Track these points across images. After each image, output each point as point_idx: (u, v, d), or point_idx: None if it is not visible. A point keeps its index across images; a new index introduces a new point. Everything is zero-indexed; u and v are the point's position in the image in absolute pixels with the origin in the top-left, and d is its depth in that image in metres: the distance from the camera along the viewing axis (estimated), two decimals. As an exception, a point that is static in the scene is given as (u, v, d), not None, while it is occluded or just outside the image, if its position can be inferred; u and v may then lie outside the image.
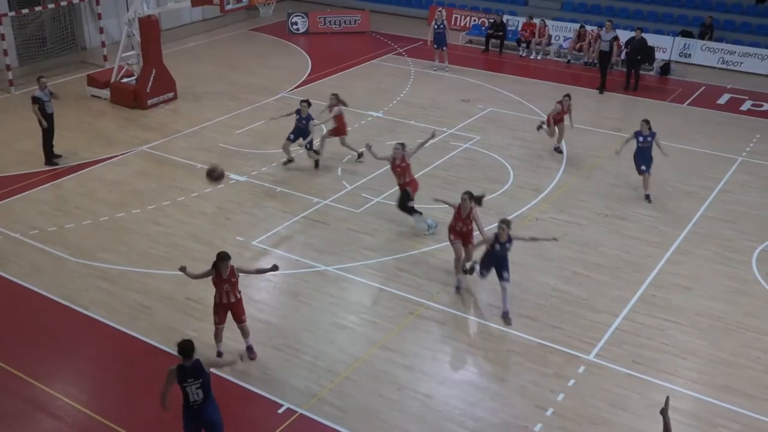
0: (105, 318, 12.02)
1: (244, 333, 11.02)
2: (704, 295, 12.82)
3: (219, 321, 10.87)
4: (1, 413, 10.13)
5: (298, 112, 16.87)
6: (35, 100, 16.90)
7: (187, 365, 8.68)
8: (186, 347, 8.68)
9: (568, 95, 18.10)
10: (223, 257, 10.46)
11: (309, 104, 16.96)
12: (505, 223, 11.89)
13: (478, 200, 12.70)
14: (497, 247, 11.92)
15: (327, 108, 17.49)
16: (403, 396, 10.45)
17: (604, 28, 23.16)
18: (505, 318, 12.02)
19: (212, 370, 8.92)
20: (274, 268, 10.88)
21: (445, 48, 24.22)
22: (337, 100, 17.41)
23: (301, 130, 16.88)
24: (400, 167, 14.45)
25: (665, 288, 12.99)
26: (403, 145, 14.56)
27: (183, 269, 10.53)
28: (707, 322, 12.13)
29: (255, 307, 12.27)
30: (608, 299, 12.64)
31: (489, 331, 11.87)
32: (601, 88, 22.74)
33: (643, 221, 15.19)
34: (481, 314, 12.26)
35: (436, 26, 24.12)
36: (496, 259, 12.03)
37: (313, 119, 16.82)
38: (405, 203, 14.53)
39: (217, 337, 11.02)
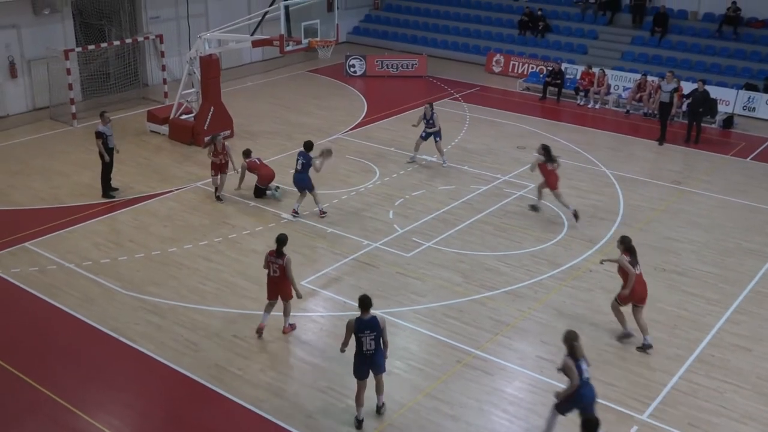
0: (152, 352, 12.14)
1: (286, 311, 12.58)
2: (766, 357, 12.39)
3: (268, 296, 12.45)
4: (46, 443, 10.25)
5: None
6: (99, 134, 17.40)
7: (365, 318, 10.27)
8: (365, 301, 10.30)
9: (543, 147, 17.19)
10: (281, 240, 12.26)
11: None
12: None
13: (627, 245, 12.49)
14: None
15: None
16: (447, 447, 10.27)
17: (665, 79, 22.97)
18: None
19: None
20: (299, 296, 12.41)
21: (439, 139, 19.89)
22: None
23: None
24: None
25: (724, 348, 12.61)
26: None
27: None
28: (769, 386, 11.72)
29: (301, 348, 12.28)
30: (664, 357, 12.31)
31: (538, 384, 11.64)
32: (661, 140, 22.47)
33: (702, 278, 14.83)
34: (530, 366, 12.04)
35: (426, 120, 19.70)
36: None
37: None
38: None
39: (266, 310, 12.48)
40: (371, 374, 10.63)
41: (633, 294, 12.29)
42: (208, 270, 14.70)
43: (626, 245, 12.47)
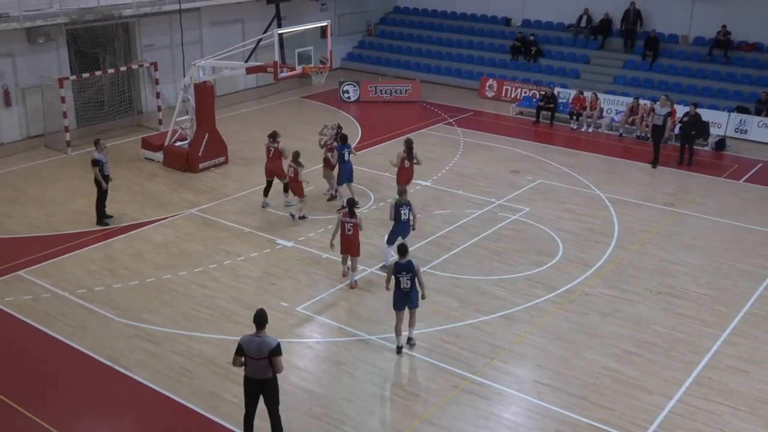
0: (147, 380, 12.07)
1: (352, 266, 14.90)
2: (763, 380, 12.37)
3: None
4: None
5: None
6: (95, 162, 17.39)
7: (402, 262, 12.37)
8: (403, 248, 12.52)
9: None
10: (352, 202, 14.79)
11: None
12: None
13: None
14: None
15: None
16: (445, 473, 10.20)
17: (658, 103, 23.12)
18: None
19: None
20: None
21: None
22: None
23: None
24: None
25: (722, 370, 12.59)
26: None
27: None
28: (767, 408, 11.67)
29: (296, 374, 12.22)
30: (661, 380, 12.28)
31: (535, 408, 11.59)
32: (654, 163, 22.57)
33: (698, 300, 14.84)
34: (527, 390, 12.00)
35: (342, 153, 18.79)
36: None
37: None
38: None
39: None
40: (407, 309, 12.65)
41: None
42: (203, 296, 14.66)
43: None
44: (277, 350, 9.85)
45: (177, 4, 25.12)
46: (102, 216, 17.82)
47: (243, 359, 10.00)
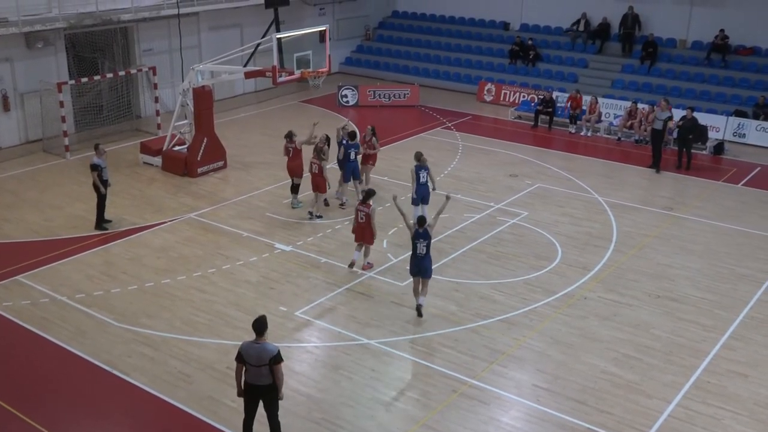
0: (145, 385, 12.04)
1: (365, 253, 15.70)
2: (763, 383, 12.36)
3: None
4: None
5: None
6: (94, 167, 17.37)
7: (420, 231, 13.74)
8: (422, 219, 13.90)
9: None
10: (369, 193, 15.64)
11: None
12: None
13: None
14: None
15: None
16: (444, 478, 10.18)
17: (658, 107, 23.10)
18: None
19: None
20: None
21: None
22: None
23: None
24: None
25: (721, 374, 12.58)
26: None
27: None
28: (766, 413, 11.66)
29: (295, 378, 12.19)
30: (660, 384, 12.27)
31: (534, 413, 11.57)
32: (657, 167, 22.40)
33: (696, 303, 14.83)
34: (526, 395, 11.98)
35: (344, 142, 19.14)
36: None
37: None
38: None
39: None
40: (420, 277, 13.96)
41: None
42: (202, 301, 14.64)
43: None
44: (277, 358, 9.81)
45: (175, 9, 25.15)
46: (101, 220, 17.79)
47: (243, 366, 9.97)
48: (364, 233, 15.52)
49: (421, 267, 13.93)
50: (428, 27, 35.34)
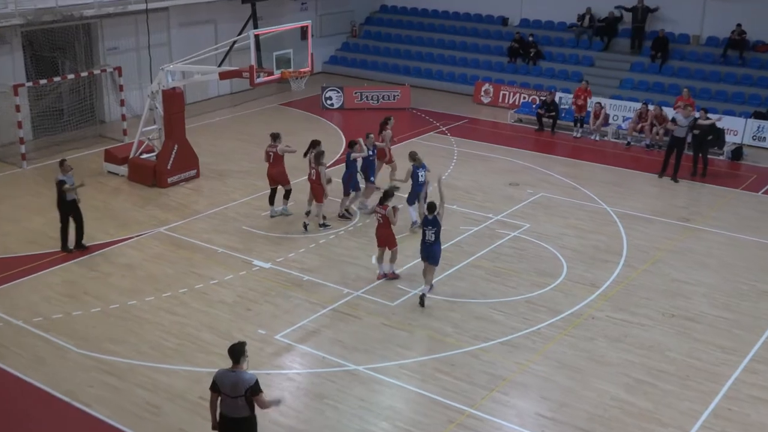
0: (108, 417, 11.92)
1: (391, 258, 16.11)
2: (788, 411, 12.38)
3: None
4: None
5: None
6: (61, 183, 17.15)
7: (430, 218, 14.89)
8: (432, 205, 14.98)
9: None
10: (388, 193, 16.08)
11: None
12: None
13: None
14: None
15: None
16: None
17: (678, 112, 22.60)
18: None
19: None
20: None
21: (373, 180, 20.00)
22: None
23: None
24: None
25: (742, 401, 12.56)
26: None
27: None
28: (792, 442, 11.67)
29: (275, 409, 12.06)
30: (677, 412, 12.24)
31: (539, 445, 11.53)
32: (674, 176, 22.26)
33: (714, 323, 14.84)
34: (530, 425, 11.93)
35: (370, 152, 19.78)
36: None
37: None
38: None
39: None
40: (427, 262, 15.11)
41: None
42: (172, 324, 14.55)
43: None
44: (255, 388, 9.70)
45: (143, 4, 25.15)
46: (65, 242, 17.52)
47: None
48: (380, 237, 15.96)
49: (429, 252, 15.07)
50: (420, 22, 35.49)
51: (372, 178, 19.69)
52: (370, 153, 19.60)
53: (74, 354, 13.60)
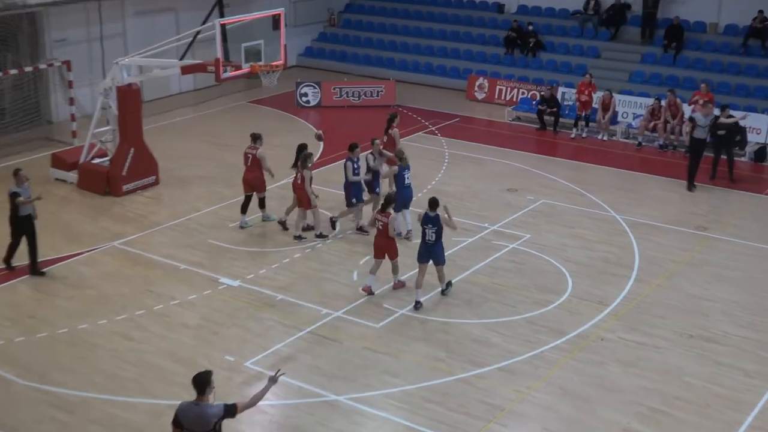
0: (57, 457, 11.87)
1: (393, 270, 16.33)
2: (819, 441, 12.44)
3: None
4: None
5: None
6: (14, 195, 17.00)
7: (430, 215, 15.45)
8: (433, 201, 15.57)
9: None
10: (389, 200, 16.39)
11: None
12: None
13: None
14: None
15: None
16: None
17: (698, 111, 22.58)
18: None
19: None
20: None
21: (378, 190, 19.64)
22: None
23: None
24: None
25: (769, 431, 12.64)
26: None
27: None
28: (824, 477, 11.72)
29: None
30: (695, 444, 12.30)
31: (543, 483, 11.54)
32: (691, 185, 22.17)
33: (738, 344, 14.91)
34: (533, 461, 11.96)
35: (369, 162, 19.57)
36: None
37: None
38: None
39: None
40: (431, 263, 15.65)
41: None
42: (128, 351, 14.48)
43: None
44: (229, 412, 9.60)
45: (95, -10, 25.10)
46: (10, 256, 17.39)
47: None
48: (387, 247, 16.10)
49: (431, 252, 15.58)
50: (405, 10, 35.58)
51: (377, 189, 19.24)
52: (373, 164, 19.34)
53: (18, 386, 13.50)
